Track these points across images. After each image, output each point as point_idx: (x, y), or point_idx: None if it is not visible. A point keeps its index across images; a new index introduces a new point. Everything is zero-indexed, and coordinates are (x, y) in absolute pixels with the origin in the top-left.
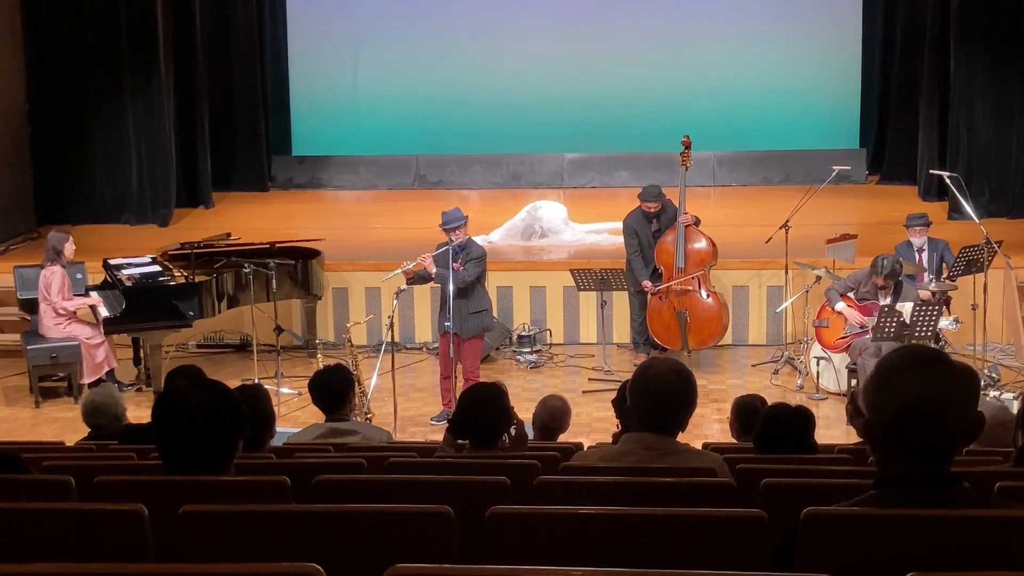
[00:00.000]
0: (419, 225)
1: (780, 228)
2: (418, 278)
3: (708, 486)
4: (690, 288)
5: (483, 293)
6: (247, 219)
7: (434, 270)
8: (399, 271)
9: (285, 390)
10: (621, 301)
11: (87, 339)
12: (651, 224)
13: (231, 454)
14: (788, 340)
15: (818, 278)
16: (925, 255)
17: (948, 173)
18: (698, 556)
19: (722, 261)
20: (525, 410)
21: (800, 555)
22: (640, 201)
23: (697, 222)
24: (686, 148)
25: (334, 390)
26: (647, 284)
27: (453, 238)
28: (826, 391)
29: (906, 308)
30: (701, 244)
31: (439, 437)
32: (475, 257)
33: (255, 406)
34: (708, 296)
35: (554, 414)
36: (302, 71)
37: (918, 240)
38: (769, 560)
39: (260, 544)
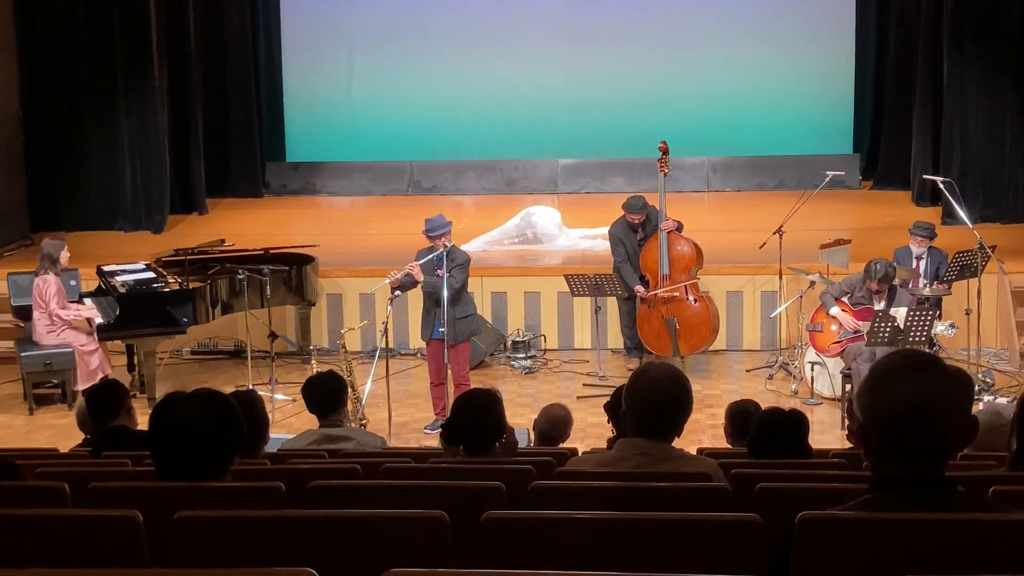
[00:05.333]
0: (413, 231)
1: (774, 233)
2: (404, 285)
3: (703, 491)
4: (677, 294)
5: (468, 298)
6: (241, 225)
7: (422, 278)
8: (386, 281)
9: (279, 396)
10: (615, 306)
11: (81, 346)
12: (636, 234)
13: (228, 466)
14: (782, 345)
15: (812, 283)
16: (923, 263)
17: (942, 178)
18: (693, 561)
19: (716, 266)
20: (520, 416)
21: (795, 559)
22: (624, 212)
23: (679, 227)
24: (664, 154)
25: (328, 395)
26: (639, 289)
27: (446, 243)
28: (820, 396)
29: (900, 313)
30: (684, 249)
31: (433, 443)
32: (460, 263)
33: (249, 412)
34: (696, 301)
35: (554, 423)
36: (296, 77)
37: (918, 248)
38: (764, 565)
39: (255, 549)
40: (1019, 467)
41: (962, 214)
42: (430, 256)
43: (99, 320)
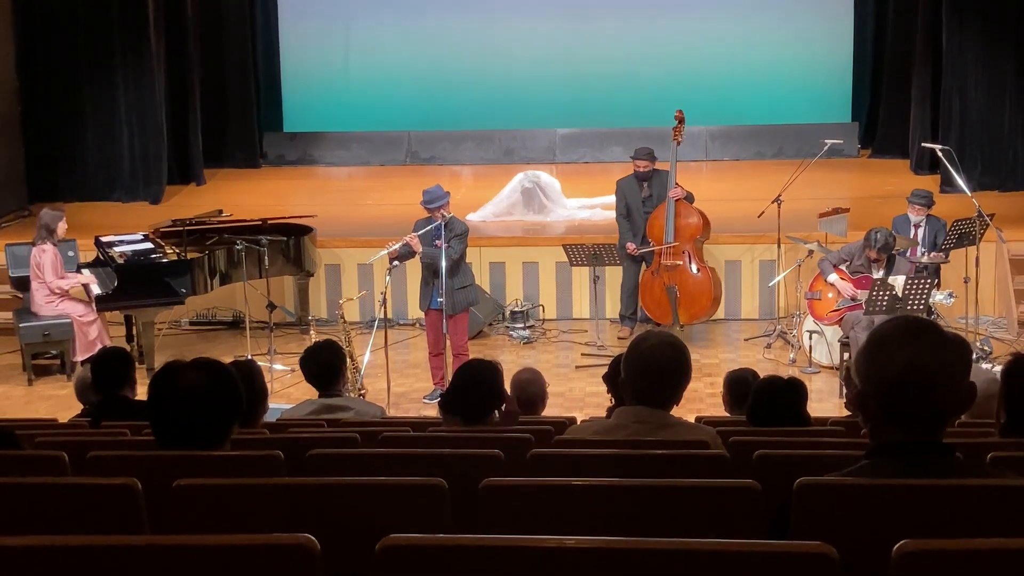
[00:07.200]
0: (411, 201)
1: (772, 202)
2: (402, 256)
3: (701, 458)
4: (679, 262)
5: (467, 268)
6: (239, 196)
7: (420, 249)
8: (384, 252)
9: (278, 366)
10: (614, 276)
11: (79, 317)
12: (642, 189)
13: (227, 434)
14: (781, 314)
15: (810, 252)
16: (921, 231)
17: (940, 146)
18: (691, 526)
19: (714, 236)
20: None
21: (793, 524)
22: (632, 160)
23: (690, 198)
24: (679, 123)
25: (326, 366)
26: (631, 246)
27: (444, 214)
28: (819, 365)
29: (898, 282)
30: (692, 219)
31: (432, 413)
32: (458, 234)
33: (248, 382)
34: (698, 270)
35: (523, 386)
36: (293, 47)
37: (916, 216)
38: (763, 530)
39: (254, 517)
40: (1008, 436)
41: (960, 182)
42: (429, 227)
43: (97, 290)
